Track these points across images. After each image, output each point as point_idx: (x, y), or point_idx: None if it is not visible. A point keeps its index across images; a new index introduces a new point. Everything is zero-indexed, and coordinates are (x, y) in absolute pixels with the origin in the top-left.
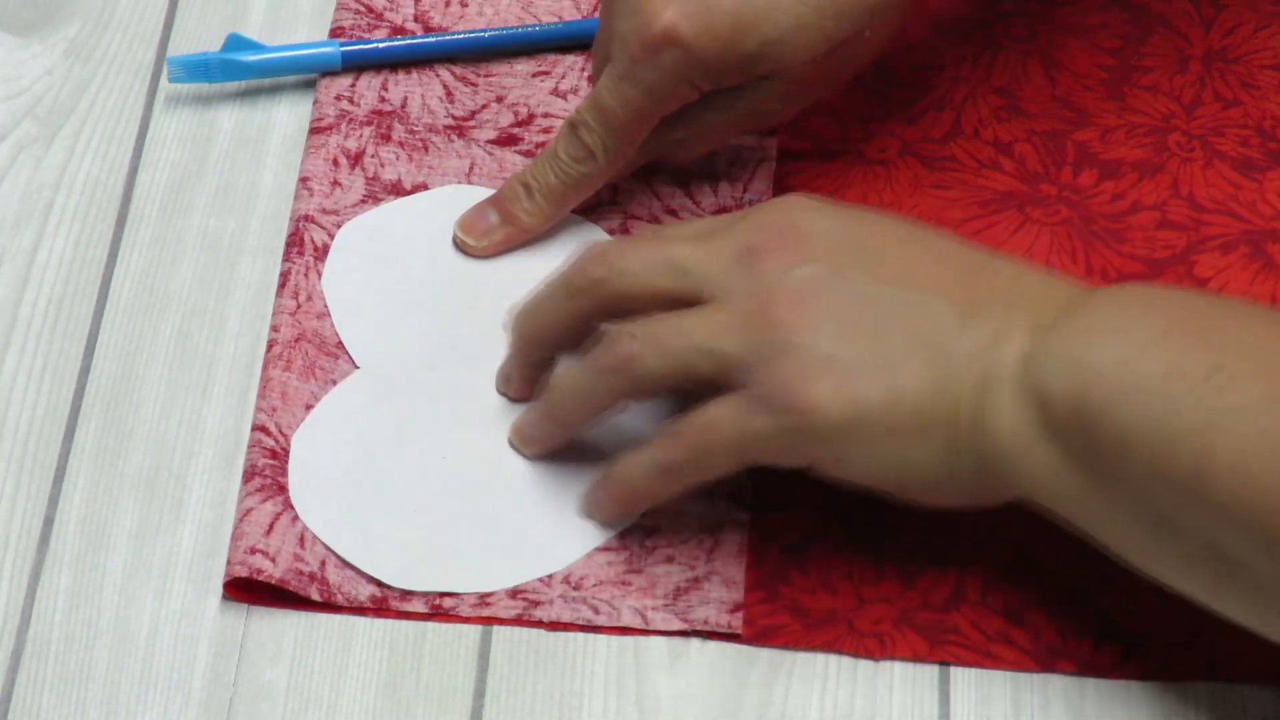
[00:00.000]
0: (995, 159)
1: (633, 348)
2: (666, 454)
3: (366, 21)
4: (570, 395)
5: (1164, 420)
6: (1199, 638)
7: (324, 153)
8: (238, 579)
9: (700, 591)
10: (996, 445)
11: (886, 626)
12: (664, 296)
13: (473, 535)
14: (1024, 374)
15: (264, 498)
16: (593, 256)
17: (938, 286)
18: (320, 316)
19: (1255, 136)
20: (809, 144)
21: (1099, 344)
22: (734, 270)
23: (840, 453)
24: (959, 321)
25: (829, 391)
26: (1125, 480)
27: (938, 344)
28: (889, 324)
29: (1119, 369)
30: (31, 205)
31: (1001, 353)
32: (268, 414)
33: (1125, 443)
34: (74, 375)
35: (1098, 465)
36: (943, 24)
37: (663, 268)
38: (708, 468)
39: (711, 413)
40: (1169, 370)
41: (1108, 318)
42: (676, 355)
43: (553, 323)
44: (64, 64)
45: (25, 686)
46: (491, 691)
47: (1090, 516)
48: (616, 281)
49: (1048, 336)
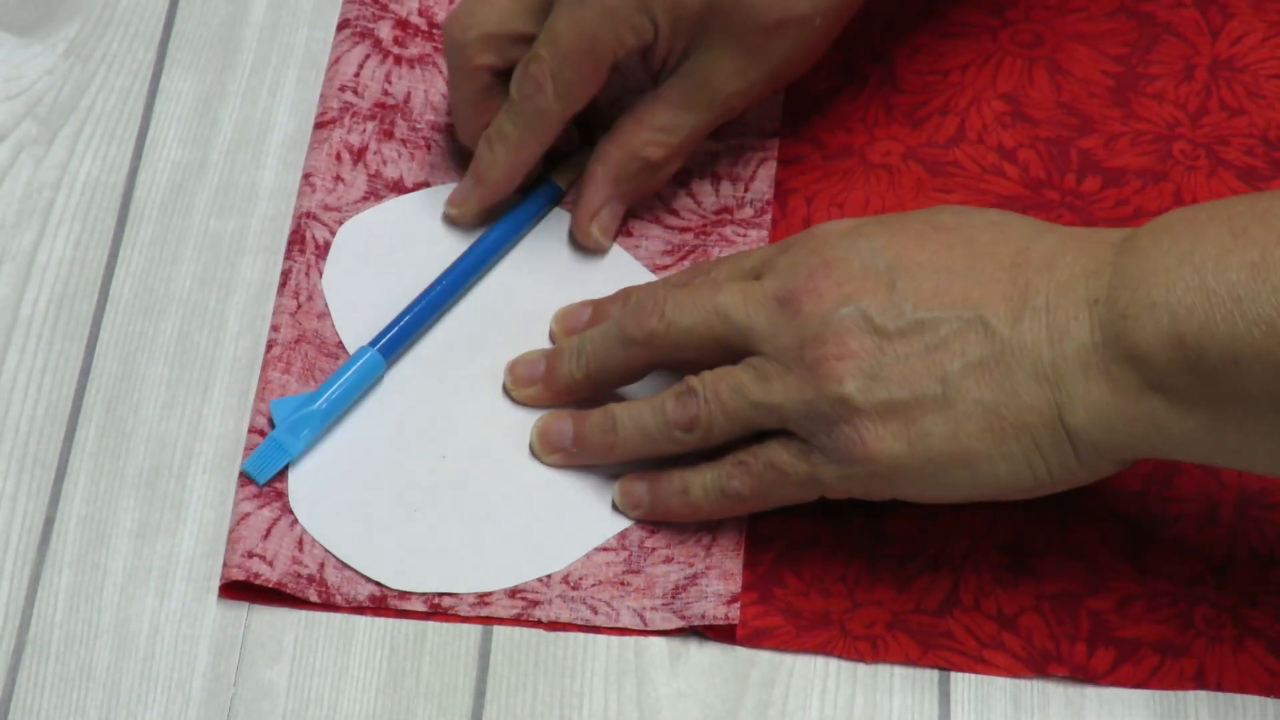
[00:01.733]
0: (999, 165)
1: (699, 408)
2: (732, 482)
3: (371, 13)
4: (633, 435)
5: (1273, 316)
6: (1190, 646)
7: (327, 148)
8: (235, 582)
9: (697, 587)
10: (1089, 430)
11: (879, 629)
12: (715, 347)
13: (472, 535)
14: (1103, 347)
15: (261, 502)
16: (647, 305)
17: (980, 295)
18: (321, 316)
19: (1260, 145)
20: (811, 146)
21: (1168, 279)
22: (778, 319)
23: (917, 487)
24: (1010, 326)
25: (890, 438)
26: (1249, 396)
27: (991, 358)
28: (936, 351)
29: (1201, 294)
30: (32, 205)
31: (1065, 343)
32: (266, 416)
33: (1238, 359)
34: (74, 375)
35: (1215, 397)
36: (949, 29)
37: (713, 319)
38: (770, 501)
39: (778, 453)
40: (1254, 271)
41: (1166, 251)
42: (738, 413)
43: (608, 367)
44: (64, 64)
45: (25, 686)
46: (491, 691)
47: (1215, 450)
48: (669, 334)
49: (1113, 301)
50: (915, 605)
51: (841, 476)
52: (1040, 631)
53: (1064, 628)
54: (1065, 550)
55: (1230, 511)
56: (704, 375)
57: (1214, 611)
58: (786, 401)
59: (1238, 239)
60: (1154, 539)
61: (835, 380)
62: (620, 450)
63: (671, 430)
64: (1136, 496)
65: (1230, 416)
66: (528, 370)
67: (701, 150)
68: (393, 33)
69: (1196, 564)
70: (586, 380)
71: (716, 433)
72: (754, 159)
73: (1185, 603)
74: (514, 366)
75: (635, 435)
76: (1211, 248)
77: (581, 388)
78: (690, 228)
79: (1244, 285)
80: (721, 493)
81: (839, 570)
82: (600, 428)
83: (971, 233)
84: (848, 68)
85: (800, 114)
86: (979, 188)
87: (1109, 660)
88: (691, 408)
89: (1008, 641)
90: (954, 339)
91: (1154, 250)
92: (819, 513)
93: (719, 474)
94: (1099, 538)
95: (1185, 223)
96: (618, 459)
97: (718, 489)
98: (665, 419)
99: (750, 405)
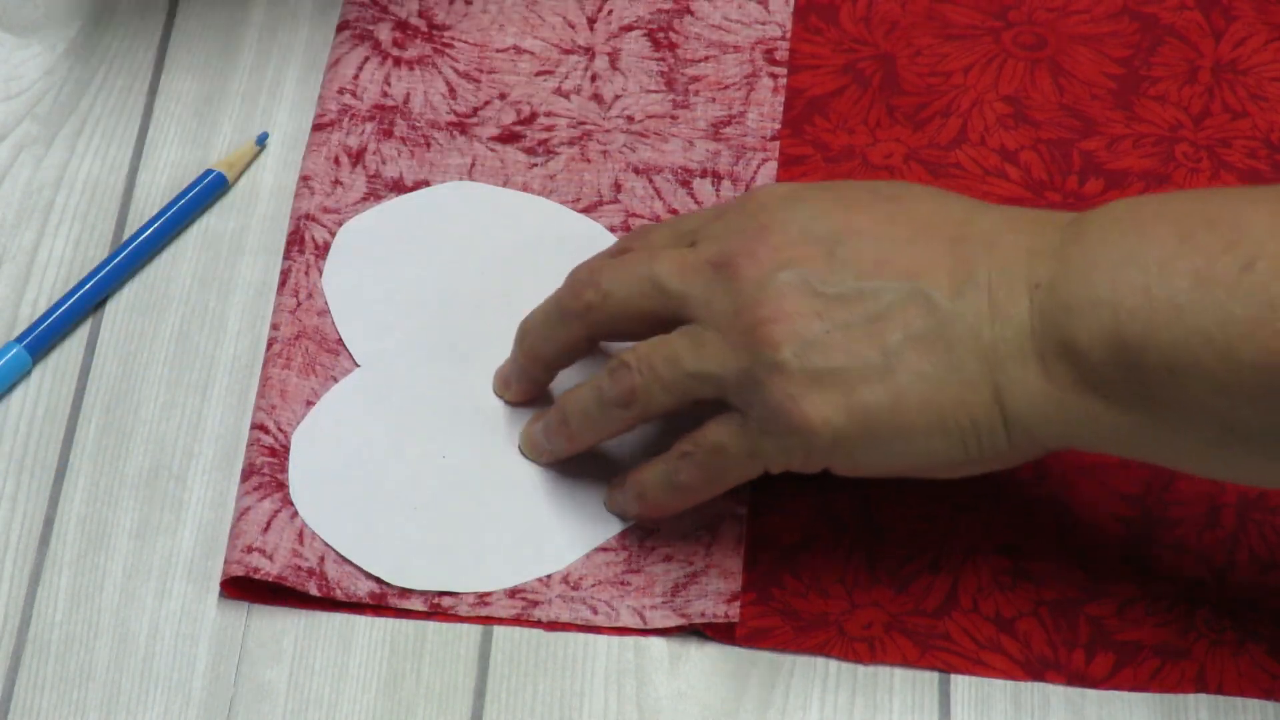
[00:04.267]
0: (1001, 167)
1: (634, 380)
2: (679, 474)
3: (371, 14)
4: (580, 420)
5: (1211, 330)
6: (1190, 650)
7: (325, 151)
8: (236, 578)
9: (698, 585)
10: (1024, 415)
11: (877, 631)
12: (652, 317)
13: (472, 534)
14: (1041, 335)
15: (262, 495)
16: (583, 278)
17: (922, 267)
18: (321, 313)
19: (1263, 148)
20: (813, 148)
21: (1113, 277)
22: (714, 285)
23: (853, 458)
24: (951, 301)
25: (828, 407)
26: (1183, 404)
27: (933, 331)
28: (878, 321)
29: (1144, 297)
30: (32, 205)
31: (1004, 324)
32: (266, 412)
33: (1174, 368)
34: (74, 375)
35: (1149, 399)
36: (951, 31)
37: (647, 289)
38: (722, 484)
39: (718, 433)
40: (1197, 280)
41: (1114, 245)
42: (675, 384)
43: (551, 345)
44: (64, 64)
45: (25, 686)
46: (492, 691)
47: (1146, 449)
48: (605, 306)
49: (1055, 289)
50: (913, 607)
51: (781, 448)
52: (1038, 637)
53: (1062, 634)
54: (1064, 554)
55: (1231, 515)
56: (638, 347)
57: (1215, 615)
58: (723, 369)
59: (1184, 243)
60: (1155, 542)
61: (771, 346)
62: (578, 438)
63: (611, 408)
64: (1137, 499)
65: (1164, 419)
66: (503, 370)
67: (703, 150)
68: (392, 34)
69: (1197, 567)
70: (534, 363)
71: (655, 406)
72: (755, 159)
73: (1186, 605)
74: (498, 370)
75: (583, 421)
76: (1157, 250)
77: (532, 372)
78: None
79: (1186, 294)
80: (672, 487)
81: (838, 571)
82: (556, 421)
83: (913, 203)
84: (850, 69)
85: (802, 115)
86: (981, 189)
87: (1109, 665)
88: (625, 381)
89: (1006, 644)
90: (896, 310)
91: (1100, 244)
92: (818, 513)
93: (667, 470)
94: (1099, 541)
95: (1133, 217)
96: (581, 446)
97: (668, 484)
98: (603, 397)
99: (686, 375)
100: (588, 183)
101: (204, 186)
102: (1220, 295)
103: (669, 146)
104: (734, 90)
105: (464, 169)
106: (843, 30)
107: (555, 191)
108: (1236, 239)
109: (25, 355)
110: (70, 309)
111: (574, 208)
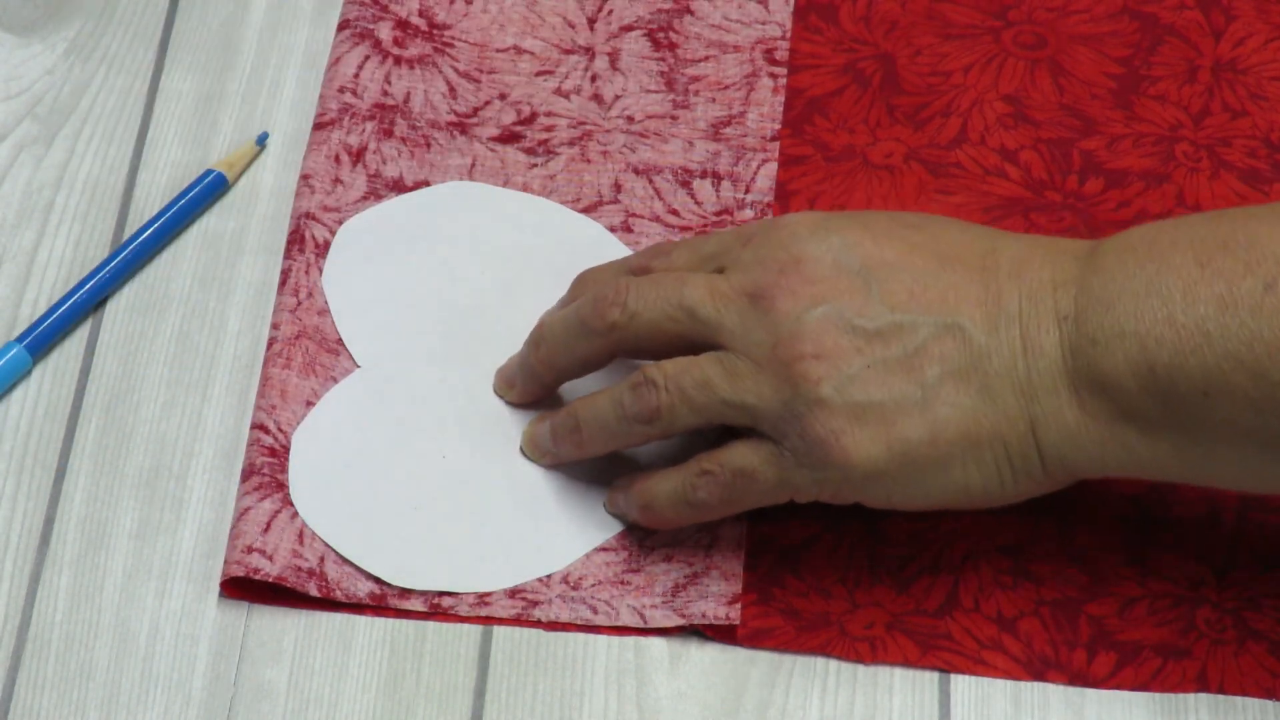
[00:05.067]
0: (1001, 166)
1: (660, 399)
2: (697, 491)
3: (372, 13)
4: (594, 429)
5: (1241, 352)
6: (1192, 649)
7: (325, 149)
8: (236, 578)
9: (699, 586)
10: (1059, 447)
11: (879, 630)
12: (677, 340)
13: (472, 534)
14: (1073, 369)
15: (262, 495)
16: (608, 296)
17: (953, 298)
18: (321, 313)
19: (1263, 147)
20: (813, 147)
21: (1136, 308)
22: (748, 316)
23: (889, 492)
24: (986, 335)
25: (867, 441)
26: (1217, 426)
27: (969, 365)
28: (915, 355)
29: (1170, 326)
30: (32, 205)
31: (1037, 357)
32: (266, 412)
33: (1207, 392)
34: (74, 375)
35: (1183, 424)
36: (951, 31)
37: (676, 313)
38: (740, 506)
39: (747, 458)
40: (1221, 305)
41: (1132, 275)
42: (705, 408)
43: (568, 357)
44: (64, 64)
45: (25, 686)
46: (492, 691)
47: (1181, 471)
48: (631, 326)
49: (1081, 323)
50: (914, 607)
51: (815, 480)
52: (1039, 637)
53: (1063, 634)
54: (1065, 555)
55: (1232, 515)
56: (663, 365)
57: (1216, 614)
58: (760, 402)
59: (1204, 269)
60: (1156, 542)
61: (811, 381)
62: (588, 446)
63: (631, 424)
64: (1138, 499)
65: (1199, 442)
66: (507, 369)
67: (703, 150)
68: (393, 34)
69: (1198, 567)
70: (548, 371)
71: (678, 426)
72: (756, 159)
73: (1187, 605)
74: (500, 369)
75: (598, 430)
76: (1178, 279)
77: (544, 378)
78: (691, 227)
79: (1212, 320)
80: (687, 504)
81: (839, 572)
82: (565, 426)
83: (936, 233)
84: (850, 69)
85: (802, 115)
86: (981, 189)
87: (1110, 664)
88: (650, 400)
89: (1007, 644)
90: (932, 343)
91: (1119, 273)
92: (819, 514)
93: (683, 484)
94: (1100, 541)
95: (1149, 246)
96: (589, 454)
97: (683, 500)
98: (624, 412)
99: (720, 402)
100: (588, 183)
101: (204, 186)
102: (1246, 318)
103: (669, 147)
104: (734, 90)
105: (464, 169)
106: (843, 30)
107: (555, 192)
108: (1255, 260)
109: (25, 355)
110: (70, 309)
111: (574, 208)
